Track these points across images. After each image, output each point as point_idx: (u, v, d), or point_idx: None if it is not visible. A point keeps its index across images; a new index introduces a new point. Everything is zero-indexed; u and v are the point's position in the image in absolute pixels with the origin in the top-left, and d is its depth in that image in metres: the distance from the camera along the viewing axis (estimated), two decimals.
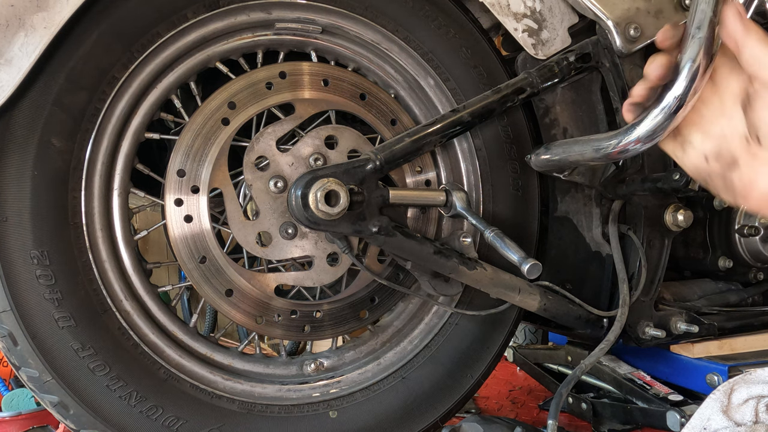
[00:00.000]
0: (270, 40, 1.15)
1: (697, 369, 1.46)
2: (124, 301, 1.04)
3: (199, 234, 1.08)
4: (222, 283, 1.10)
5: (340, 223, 1.06)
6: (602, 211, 1.34)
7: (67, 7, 0.89)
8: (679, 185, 1.21)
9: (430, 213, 1.25)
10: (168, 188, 1.06)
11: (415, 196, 1.18)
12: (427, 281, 1.16)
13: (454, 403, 1.25)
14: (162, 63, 1.05)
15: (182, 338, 1.10)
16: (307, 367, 1.19)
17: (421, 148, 1.14)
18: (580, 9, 1.25)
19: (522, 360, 1.91)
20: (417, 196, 1.19)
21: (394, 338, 1.26)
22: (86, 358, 0.97)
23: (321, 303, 1.18)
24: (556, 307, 1.26)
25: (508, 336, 1.32)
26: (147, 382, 1.03)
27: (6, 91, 0.87)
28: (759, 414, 1.00)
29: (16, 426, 1.61)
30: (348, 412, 1.17)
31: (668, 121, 1.02)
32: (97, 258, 1.01)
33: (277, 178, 1.10)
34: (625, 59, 1.28)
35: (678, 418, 1.30)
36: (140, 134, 1.06)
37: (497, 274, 1.19)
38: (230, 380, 1.11)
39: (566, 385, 1.15)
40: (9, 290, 0.92)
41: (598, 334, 1.30)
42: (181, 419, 1.04)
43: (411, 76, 1.24)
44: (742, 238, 1.42)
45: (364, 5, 1.18)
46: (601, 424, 1.49)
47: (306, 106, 1.15)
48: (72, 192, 0.98)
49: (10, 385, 1.90)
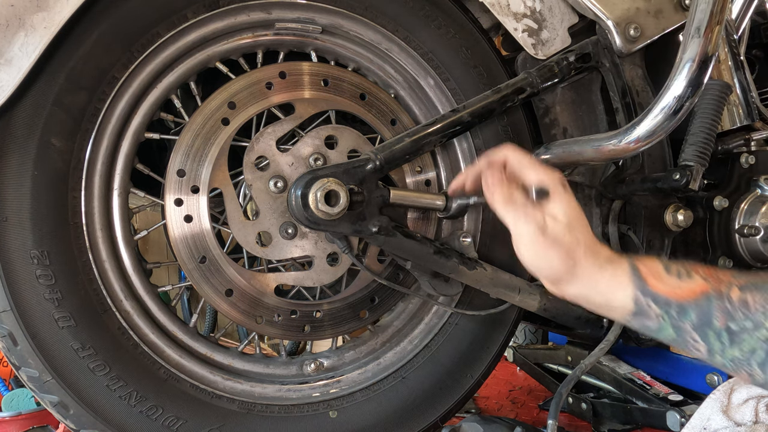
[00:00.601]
0: (270, 40, 1.15)
1: (697, 369, 1.46)
2: (124, 301, 1.04)
3: (199, 234, 1.08)
4: (222, 283, 1.10)
5: (340, 223, 1.06)
6: (602, 211, 1.34)
7: (67, 7, 0.89)
8: (679, 185, 1.21)
9: (430, 213, 1.25)
10: (168, 188, 1.06)
11: (415, 198, 1.18)
12: (427, 281, 1.16)
13: (454, 403, 1.25)
14: (162, 63, 1.05)
15: (182, 338, 1.10)
16: (307, 367, 1.19)
17: (421, 148, 1.14)
18: (580, 9, 1.25)
19: (522, 360, 1.91)
20: (417, 197, 1.18)
21: (394, 338, 1.26)
22: (86, 358, 0.97)
23: (321, 303, 1.18)
24: (556, 307, 1.26)
25: (508, 336, 1.32)
26: (147, 382, 1.03)
27: (6, 91, 0.87)
28: (759, 414, 1.00)
29: (16, 426, 1.61)
30: (348, 412, 1.17)
31: (668, 120, 1.03)
32: (97, 258, 1.01)
33: (277, 178, 1.10)
34: (625, 59, 1.28)
35: (678, 418, 1.30)
36: (140, 134, 1.06)
37: (497, 274, 1.19)
38: (230, 380, 1.11)
39: (566, 385, 1.15)
40: (9, 290, 0.92)
41: (598, 334, 1.30)
42: (181, 419, 1.04)
43: (411, 76, 1.24)
44: (742, 238, 1.41)
45: (364, 5, 1.18)
46: (601, 424, 1.49)
47: (306, 106, 1.15)
48: (72, 192, 0.98)
49: (10, 385, 1.90)
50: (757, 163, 1.41)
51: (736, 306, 0.72)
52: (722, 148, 1.43)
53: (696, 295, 0.75)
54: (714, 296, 0.74)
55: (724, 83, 1.25)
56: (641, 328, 0.81)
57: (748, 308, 0.71)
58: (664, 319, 0.77)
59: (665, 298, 0.77)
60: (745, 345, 0.70)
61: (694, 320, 0.74)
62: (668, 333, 0.78)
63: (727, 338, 0.72)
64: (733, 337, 0.71)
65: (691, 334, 0.75)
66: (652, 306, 0.77)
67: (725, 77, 1.39)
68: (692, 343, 0.76)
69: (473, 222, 1.27)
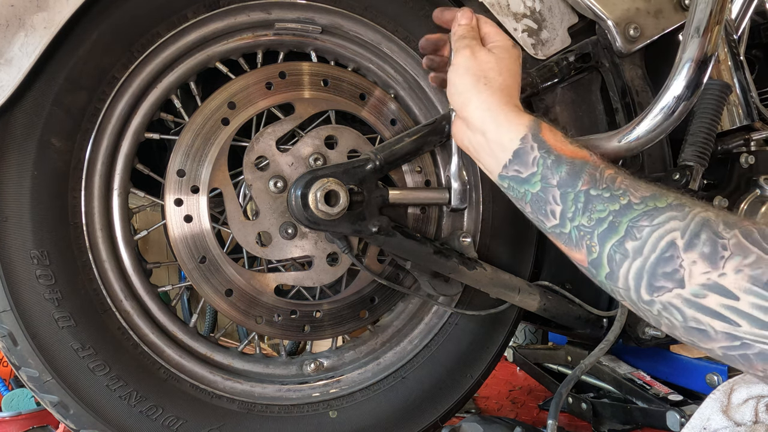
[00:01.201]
0: (270, 40, 1.15)
1: (697, 369, 1.46)
2: (124, 301, 1.04)
3: (199, 234, 1.08)
4: (222, 283, 1.10)
5: (340, 223, 1.06)
6: None
7: (67, 7, 0.89)
8: (678, 185, 1.21)
9: (430, 213, 1.25)
10: (168, 188, 1.06)
11: (415, 196, 1.18)
12: (427, 281, 1.16)
13: (454, 403, 1.25)
14: (162, 63, 1.05)
15: (182, 338, 1.10)
16: (307, 367, 1.19)
17: (421, 148, 1.14)
18: (579, 9, 1.25)
19: (522, 360, 1.91)
20: (417, 195, 1.19)
21: (393, 338, 1.26)
22: (86, 358, 0.97)
23: (321, 303, 1.18)
24: (556, 307, 1.26)
25: (508, 336, 1.32)
26: (147, 382, 1.03)
27: (6, 91, 0.87)
28: (759, 414, 1.00)
29: (16, 426, 1.61)
30: (348, 412, 1.17)
31: (667, 120, 1.02)
32: (97, 258, 1.01)
33: (276, 178, 1.10)
34: (625, 59, 1.28)
35: (678, 418, 1.30)
36: (140, 134, 1.06)
37: (497, 274, 1.19)
38: (230, 380, 1.11)
39: (566, 385, 1.15)
40: (9, 290, 0.92)
41: (597, 334, 1.30)
42: (181, 419, 1.04)
43: (411, 76, 1.24)
44: None
45: (364, 5, 1.18)
46: (601, 424, 1.49)
47: (306, 106, 1.15)
48: (72, 192, 0.98)
49: (10, 385, 1.90)
50: (756, 163, 1.41)
51: (604, 178, 0.77)
52: (722, 148, 1.43)
53: (575, 156, 0.81)
54: (590, 164, 0.79)
55: (723, 83, 1.25)
56: (511, 180, 0.86)
57: (613, 183, 0.76)
58: (538, 165, 0.82)
59: (549, 146, 0.82)
60: (595, 214, 0.75)
61: (563, 175, 0.80)
62: (533, 185, 0.83)
63: (583, 202, 0.77)
64: (587, 203, 0.76)
65: (553, 191, 0.80)
66: (534, 149, 0.83)
67: (725, 77, 1.39)
68: (550, 203, 0.81)
69: (473, 222, 1.27)
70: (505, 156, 0.86)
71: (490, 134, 0.88)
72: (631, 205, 0.73)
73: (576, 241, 0.78)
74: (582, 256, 0.77)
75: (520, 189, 0.85)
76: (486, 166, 0.92)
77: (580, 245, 0.77)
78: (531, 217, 0.87)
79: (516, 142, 0.85)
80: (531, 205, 0.85)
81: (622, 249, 0.71)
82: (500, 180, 0.89)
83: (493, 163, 0.89)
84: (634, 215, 0.72)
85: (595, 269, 0.76)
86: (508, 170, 0.86)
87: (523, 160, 0.84)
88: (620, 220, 0.72)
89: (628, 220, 0.72)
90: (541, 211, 0.83)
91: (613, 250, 0.72)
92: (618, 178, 0.76)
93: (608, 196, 0.75)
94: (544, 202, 0.82)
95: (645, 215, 0.71)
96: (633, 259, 0.70)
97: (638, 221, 0.71)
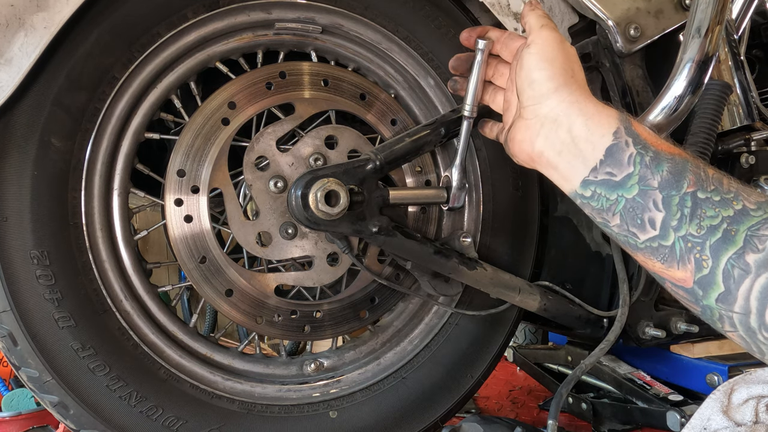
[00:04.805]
0: (270, 40, 1.15)
1: (697, 369, 1.46)
2: (124, 301, 1.04)
3: (199, 234, 1.08)
4: (222, 283, 1.09)
5: (340, 223, 1.06)
6: None
7: (67, 7, 0.89)
8: None
9: (430, 213, 1.25)
10: (168, 188, 1.06)
11: (415, 196, 1.18)
12: (427, 281, 1.16)
13: (454, 403, 1.25)
14: (162, 63, 1.05)
15: (182, 338, 1.10)
16: (307, 367, 1.19)
17: (421, 148, 1.14)
18: (580, 9, 1.25)
19: (522, 360, 1.91)
20: (417, 195, 1.18)
21: (394, 338, 1.26)
22: (86, 358, 0.97)
23: (321, 303, 1.18)
24: (556, 307, 1.26)
25: (508, 336, 1.32)
26: (147, 382, 1.03)
27: (6, 91, 0.87)
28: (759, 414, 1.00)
29: (16, 426, 1.61)
30: (348, 412, 1.17)
31: (668, 120, 1.02)
32: (97, 258, 1.01)
33: (277, 178, 1.09)
34: (625, 59, 1.28)
35: (678, 418, 1.30)
36: (140, 134, 1.06)
37: (497, 274, 1.19)
38: (230, 380, 1.11)
39: (566, 385, 1.15)
40: (9, 290, 0.92)
41: (598, 334, 1.30)
42: (181, 419, 1.04)
43: (411, 76, 1.24)
44: None
45: (364, 5, 1.18)
46: (601, 424, 1.49)
47: (306, 106, 1.15)
48: (72, 192, 0.98)
49: (10, 385, 1.90)
50: (757, 163, 1.41)
51: (710, 178, 0.67)
52: (722, 148, 1.43)
53: (674, 152, 0.70)
54: (691, 162, 0.68)
55: (724, 83, 1.25)
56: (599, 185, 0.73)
57: (721, 184, 0.66)
58: (635, 164, 0.70)
59: (645, 141, 0.71)
60: (705, 221, 0.64)
61: (664, 174, 0.67)
62: (629, 189, 0.70)
63: (690, 207, 0.65)
64: (695, 208, 0.65)
65: (654, 195, 0.68)
66: (630, 145, 0.71)
67: (725, 77, 1.39)
68: (649, 209, 0.68)
69: (473, 222, 1.27)
70: (595, 155, 0.73)
71: (577, 129, 0.75)
72: (747, 211, 0.62)
73: (680, 255, 0.65)
74: (686, 274, 0.65)
75: (610, 196, 0.72)
76: (565, 173, 0.79)
77: (685, 260, 0.65)
78: (616, 231, 0.73)
79: (609, 137, 0.73)
80: (621, 216, 0.71)
81: (741, 263, 0.60)
82: (582, 188, 0.76)
83: (579, 167, 0.76)
84: (751, 223, 0.61)
85: (702, 289, 0.64)
86: (598, 173, 0.73)
87: (617, 159, 0.71)
88: (737, 228, 0.61)
89: (746, 228, 0.61)
90: (635, 221, 0.69)
91: (730, 264, 0.61)
92: (724, 179, 0.66)
93: (719, 199, 0.64)
94: (642, 209, 0.69)
95: (766, 223, 0.61)
96: (756, 275, 0.59)
97: (758, 230, 0.60)
